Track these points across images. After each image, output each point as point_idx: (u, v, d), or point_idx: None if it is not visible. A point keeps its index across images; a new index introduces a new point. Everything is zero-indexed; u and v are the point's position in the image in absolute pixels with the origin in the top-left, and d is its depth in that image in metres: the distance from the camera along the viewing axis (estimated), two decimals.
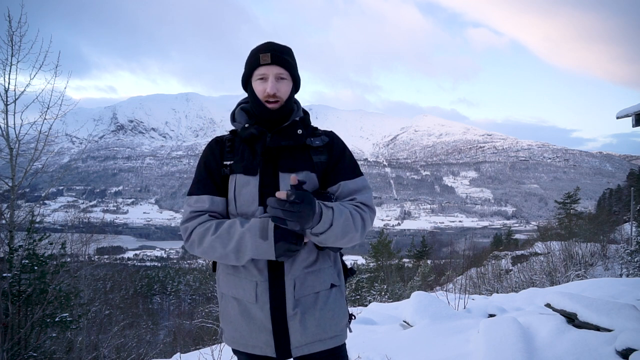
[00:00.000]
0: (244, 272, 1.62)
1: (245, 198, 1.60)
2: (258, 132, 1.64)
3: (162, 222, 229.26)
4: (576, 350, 3.37)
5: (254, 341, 1.60)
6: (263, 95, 1.63)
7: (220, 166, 1.67)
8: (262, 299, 1.58)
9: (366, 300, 17.78)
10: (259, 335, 1.59)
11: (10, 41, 6.70)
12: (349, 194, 1.66)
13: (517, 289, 12.11)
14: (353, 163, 1.74)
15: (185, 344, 13.34)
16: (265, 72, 1.63)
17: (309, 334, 1.58)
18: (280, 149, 1.64)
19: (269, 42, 1.68)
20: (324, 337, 1.61)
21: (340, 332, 1.65)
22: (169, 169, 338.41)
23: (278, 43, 1.68)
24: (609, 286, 6.76)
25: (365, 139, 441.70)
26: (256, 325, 1.59)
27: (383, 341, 4.57)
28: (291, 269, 1.58)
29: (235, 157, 1.66)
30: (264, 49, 1.64)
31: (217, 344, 5.23)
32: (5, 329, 5.36)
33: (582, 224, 24.73)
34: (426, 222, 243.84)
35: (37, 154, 6.96)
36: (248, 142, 1.67)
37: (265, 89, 1.62)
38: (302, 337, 1.58)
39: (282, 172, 1.61)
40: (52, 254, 6.67)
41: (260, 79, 1.64)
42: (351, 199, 1.65)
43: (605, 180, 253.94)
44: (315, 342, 1.60)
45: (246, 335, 1.61)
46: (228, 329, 1.67)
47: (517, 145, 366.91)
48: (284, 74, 1.65)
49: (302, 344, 1.58)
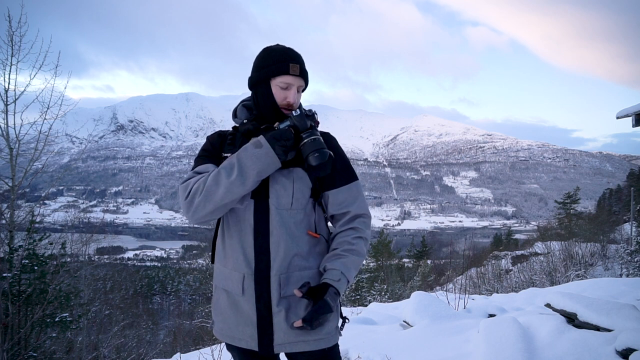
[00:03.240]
0: (232, 263, 1.64)
1: None
2: (254, 128, 1.68)
3: (162, 222, 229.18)
4: (576, 350, 3.37)
5: (240, 334, 1.63)
6: (283, 103, 1.67)
7: (220, 158, 1.70)
8: (248, 292, 1.60)
9: (366, 300, 17.79)
10: (245, 328, 1.61)
11: (10, 41, 6.70)
12: (341, 203, 1.69)
13: (517, 289, 12.11)
14: (346, 167, 1.74)
15: (185, 344, 13.34)
16: (292, 83, 1.66)
17: (293, 332, 1.58)
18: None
19: (295, 51, 1.70)
20: (308, 339, 1.59)
21: (326, 335, 1.62)
22: (169, 169, 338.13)
23: (299, 54, 1.71)
24: (609, 286, 6.77)
25: (365, 139, 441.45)
26: (242, 318, 1.62)
27: (383, 341, 4.56)
28: (278, 265, 1.59)
29: (234, 151, 1.68)
30: (295, 59, 1.67)
31: (217, 344, 5.23)
32: (5, 329, 5.36)
33: (582, 224, 24.76)
34: (426, 222, 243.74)
35: (37, 154, 6.96)
36: (247, 136, 1.69)
37: (286, 97, 1.66)
38: (285, 335, 1.58)
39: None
40: (52, 254, 6.67)
41: (284, 86, 1.66)
42: (345, 211, 1.70)
43: (605, 180, 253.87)
44: (299, 342, 1.59)
45: (233, 328, 1.64)
46: (218, 320, 1.71)
47: (517, 145, 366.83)
48: (303, 86, 1.71)
49: (284, 341, 1.59)
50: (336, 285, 1.58)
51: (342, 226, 1.70)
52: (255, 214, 1.61)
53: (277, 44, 1.74)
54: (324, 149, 1.58)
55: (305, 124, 1.62)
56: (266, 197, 1.61)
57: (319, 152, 1.56)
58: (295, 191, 1.62)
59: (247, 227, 1.62)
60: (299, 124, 1.61)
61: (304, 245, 1.64)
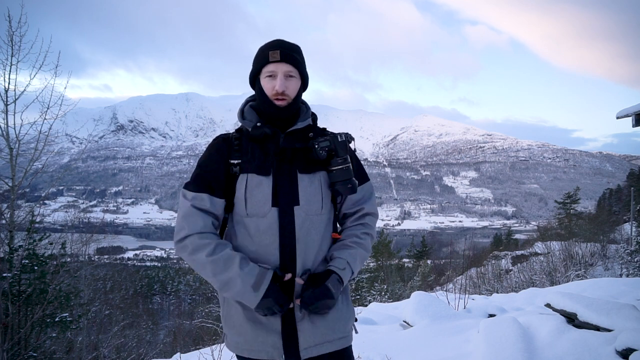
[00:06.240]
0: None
1: (258, 198, 1.57)
2: (271, 132, 1.62)
3: (162, 222, 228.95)
4: (576, 350, 3.36)
5: (259, 346, 1.57)
6: (272, 93, 1.61)
7: (227, 165, 1.62)
8: None
9: (366, 300, 17.77)
10: (266, 338, 1.56)
11: (10, 41, 6.69)
12: (356, 202, 1.72)
13: (517, 289, 12.10)
14: (360, 167, 1.76)
15: (185, 344, 13.31)
16: (274, 70, 1.61)
17: (319, 334, 1.57)
18: (293, 150, 1.63)
19: (278, 39, 1.65)
20: (333, 338, 1.60)
21: (348, 332, 1.66)
22: (169, 169, 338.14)
23: (287, 40, 1.66)
24: (609, 286, 6.77)
25: (365, 139, 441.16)
26: (263, 329, 1.57)
27: (383, 341, 4.56)
28: (303, 271, 1.58)
29: (245, 157, 1.62)
30: (273, 46, 1.62)
31: (217, 344, 5.22)
32: (5, 329, 5.36)
33: (582, 224, 24.75)
34: (426, 222, 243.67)
35: (37, 154, 6.95)
36: (258, 141, 1.63)
37: (273, 86, 1.60)
38: (311, 338, 1.57)
39: (300, 173, 1.60)
40: (52, 254, 6.67)
41: (269, 76, 1.62)
42: (358, 209, 1.72)
43: (605, 180, 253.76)
44: (325, 343, 1.59)
45: (250, 340, 1.58)
46: (231, 334, 1.64)
47: (517, 145, 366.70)
48: (293, 72, 1.63)
49: (310, 345, 1.57)
50: (340, 274, 1.58)
51: (353, 222, 1.73)
52: (281, 222, 1.56)
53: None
54: (352, 180, 1.62)
55: (344, 152, 1.63)
56: (291, 204, 1.57)
57: (350, 184, 1.61)
58: (324, 195, 1.63)
59: (269, 236, 1.56)
60: (338, 149, 1.62)
61: (327, 246, 1.66)
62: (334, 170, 1.61)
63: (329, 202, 1.65)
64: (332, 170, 1.62)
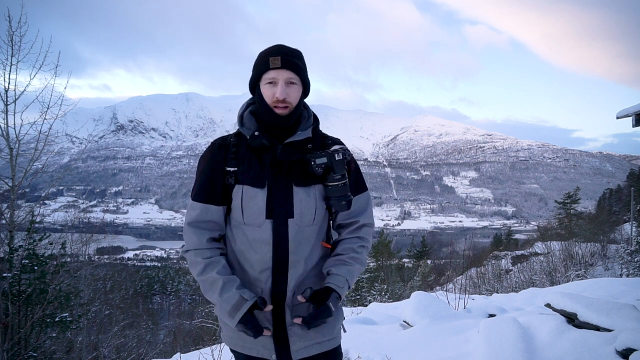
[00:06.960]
0: (249, 281, 1.64)
1: (253, 210, 1.59)
2: (269, 143, 1.60)
3: (162, 222, 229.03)
4: (576, 350, 3.36)
5: (251, 343, 1.62)
6: (272, 100, 1.58)
7: (223, 173, 1.62)
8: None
9: (366, 300, 17.79)
10: (259, 338, 1.60)
11: (10, 41, 6.70)
12: (351, 213, 1.71)
13: (517, 289, 12.11)
14: (358, 178, 1.75)
15: (185, 344, 13.32)
16: (275, 77, 1.58)
17: (309, 338, 1.61)
18: (289, 162, 1.61)
19: (279, 44, 1.63)
20: (322, 340, 1.64)
21: (337, 334, 1.70)
22: (169, 169, 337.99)
23: (288, 46, 1.63)
24: (609, 286, 6.77)
25: (365, 139, 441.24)
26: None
27: (383, 341, 4.56)
28: (296, 278, 1.62)
29: (241, 166, 1.61)
30: (274, 52, 1.59)
31: (217, 344, 5.23)
32: (5, 329, 5.36)
33: (582, 224, 24.75)
34: (426, 222, 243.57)
35: (37, 154, 6.96)
36: (256, 151, 1.62)
37: (274, 93, 1.58)
38: (301, 341, 1.61)
39: (296, 186, 1.60)
40: (52, 254, 6.67)
41: (269, 83, 1.59)
42: (354, 220, 1.72)
43: (605, 180, 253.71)
44: (314, 344, 1.62)
45: (244, 337, 1.61)
46: (226, 329, 1.68)
47: (517, 145, 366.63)
48: (294, 79, 1.60)
49: (301, 347, 1.61)
50: (339, 292, 1.60)
51: (349, 234, 1.73)
52: (274, 234, 1.58)
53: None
54: (347, 196, 1.63)
55: (342, 169, 1.61)
56: (285, 216, 1.58)
57: (345, 200, 1.62)
58: (318, 208, 1.63)
59: (265, 245, 1.59)
60: (335, 167, 1.61)
61: (318, 255, 1.67)
62: (329, 186, 1.62)
63: (322, 213, 1.66)
64: (328, 185, 1.62)
